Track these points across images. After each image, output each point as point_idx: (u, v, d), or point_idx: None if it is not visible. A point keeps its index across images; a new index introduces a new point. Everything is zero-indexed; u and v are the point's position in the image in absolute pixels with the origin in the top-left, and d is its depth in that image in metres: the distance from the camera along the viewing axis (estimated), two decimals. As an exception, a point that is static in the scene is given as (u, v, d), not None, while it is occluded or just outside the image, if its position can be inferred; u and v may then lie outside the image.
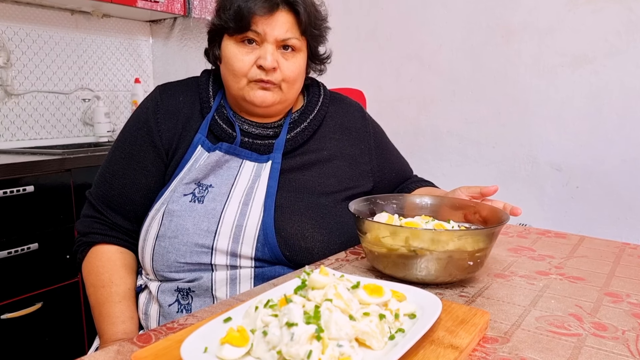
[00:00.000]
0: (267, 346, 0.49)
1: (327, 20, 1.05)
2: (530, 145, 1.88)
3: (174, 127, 0.99)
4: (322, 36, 1.04)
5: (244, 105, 1.00)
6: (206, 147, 0.98)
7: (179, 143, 0.99)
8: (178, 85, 1.06)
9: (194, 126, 1.00)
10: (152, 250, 0.92)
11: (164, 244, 0.91)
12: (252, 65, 0.94)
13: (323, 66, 1.10)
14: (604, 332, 0.62)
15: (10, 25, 2.23)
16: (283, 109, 1.03)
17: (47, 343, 1.74)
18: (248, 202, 0.93)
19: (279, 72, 0.95)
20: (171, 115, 1.00)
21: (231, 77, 0.97)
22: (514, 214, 0.88)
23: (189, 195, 0.93)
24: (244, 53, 0.95)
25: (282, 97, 0.98)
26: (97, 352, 0.57)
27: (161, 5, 2.46)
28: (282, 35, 0.94)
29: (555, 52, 1.79)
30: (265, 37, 0.93)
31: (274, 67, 0.94)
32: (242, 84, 0.96)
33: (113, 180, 0.99)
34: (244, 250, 0.90)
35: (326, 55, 1.09)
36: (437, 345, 0.54)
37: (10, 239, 1.63)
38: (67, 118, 2.48)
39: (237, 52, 0.95)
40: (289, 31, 0.95)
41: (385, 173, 1.14)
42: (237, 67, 0.95)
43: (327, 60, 1.10)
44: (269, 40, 0.94)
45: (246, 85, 0.96)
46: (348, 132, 1.10)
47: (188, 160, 0.97)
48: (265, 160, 0.99)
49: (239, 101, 0.99)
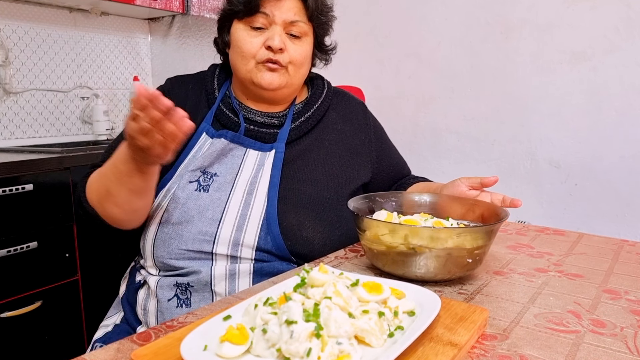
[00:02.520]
0: (267, 344, 0.49)
1: (332, 9, 1.08)
2: (529, 142, 1.88)
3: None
4: (328, 24, 1.08)
5: (251, 88, 1.02)
6: (210, 134, 1.01)
7: None
8: (187, 77, 1.11)
9: (200, 115, 1.03)
10: (155, 236, 0.94)
11: (167, 230, 0.93)
12: (261, 47, 0.98)
13: (328, 57, 1.13)
14: (602, 328, 0.62)
15: (8, 23, 2.22)
16: (289, 94, 1.06)
17: (46, 341, 1.75)
18: (252, 192, 0.96)
19: (287, 54, 0.99)
20: (180, 102, 1.02)
21: (239, 59, 1.00)
22: (514, 205, 0.88)
23: (194, 182, 0.95)
24: (252, 36, 0.99)
25: (289, 81, 1.01)
26: (97, 350, 0.57)
27: (160, 2, 2.46)
28: (291, 17, 0.98)
29: (554, 48, 1.79)
30: (274, 19, 0.98)
31: (281, 48, 0.97)
32: (250, 65, 0.99)
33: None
34: (246, 239, 0.91)
35: (332, 46, 1.12)
36: (436, 343, 0.54)
37: (10, 238, 1.63)
38: (65, 116, 2.47)
39: (246, 34, 0.99)
40: (296, 15, 0.99)
41: (383, 166, 1.15)
42: (245, 49, 0.98)
43: (332, 51, 1.13)
44: (277, 22, 0.98)
45: (254, 67, 0.99)
46: (350, 122, 1.13)
47: (192, 147, 1.00)
48: (268, 149, 1.01)
49: (247, 85, 1.02)
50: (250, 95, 1.05)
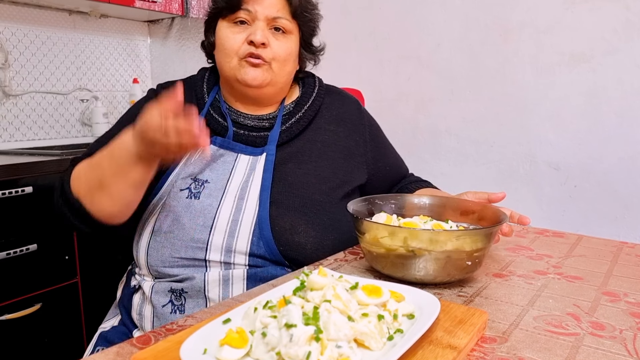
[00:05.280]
0: (266, 347, 0.49)
1: (317, 7, 1.07)
2: (528, 144, 1.88)
3: None
4: (314, 22, 1.07)
5: (237, 87, 1.01)
6: None
7: None
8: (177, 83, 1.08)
9: None
10: (147, 245, 0.93)
11: (160, 238, 0.92)
12: (243, 43, 0.98)
13: (317, 58, 1.12)
14: (601, 331, 0.62)
15: (7, 25, 2.22)
16: (275, 93, 1.04)
17: (46, 344, 1.74)
18: (243, 197, 0.94)
19: (269, 50, 0.98)
20: None
21: (223, 57, 1.00)
22: (522, 223, 0.88)
23: (185, 190, 0.94)
24: (235, 32, 0.99)
25: (273, 78, 1.00)
26: (96, 353, 0.57)
27: (159, 5, 2.46)
28: (273, 13, 0.98)
29: (553, 50, 1.79)
30: (256, 14, 0.97)
31: (264, 43, 0.97)
32: (234, 62, 0.98)
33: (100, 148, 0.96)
34: (239, 245, 0.90)
35: (320, 47, 1.11)
36: (436, 346, 0.54)
37: (9, 240, 1.63)
38: (65, 118, 2.47)
39: (229, 32, 0.99)
40: (279, 11, 0.99)
41: (379, 166, 1.13)
42: (228, 46, 0.98)
43: (320, 52, 1.12)
44: (259, 18, 0.98)
45: (237, 64, 0.98)
46: (343, 123, 1.10)
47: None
48: (259, 152, 1.00)
49: (232, 83, 1.01)
50: (237, 95, 1.04)
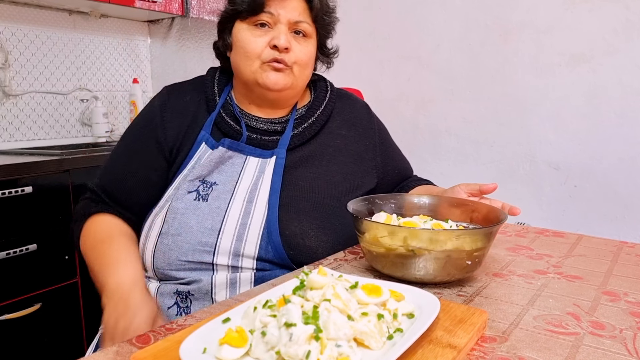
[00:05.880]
0: (266, 346, 0.49)
1: (335, 11, 1.07)
2: (528, 144, 1.88)
3: (180, 126, 1.00)
4: (331, 26, 1.07)
5: (256, 90, 1.00)
6: (210, 145, 0.98)
7: (184, 141, 1.00)
8: (185, 85, 1.08)
9: (199, 124, 1.01)
10: (154, 247, 0.92)
11: (167, 241, 0.91)
12: (266, 47, 0.96)
13: (330, 60, 1.12)
14: (601, 330, 0.62)
15: (8, 25, 2.22)
16: (292, 96, 1.04)
17: (46, 344, 1.74)
18: (252, 200, 0.93)
19: (292, 54, 0.97)
20: (178, 114, 1.01)
21: (243, 60, 0.97)
22: (513, 213, 0.88)
23: (193, 192, 0.93)
24: (257, 35, 0.97)
25: (294, 81, 0.99)
26: (96, 353, 0.57)
27: (159, 5, 2.46)
28: (295, 17, 0.97)
29: (553, 51, 1.79)
30: (279, 18, 0.96)
31: (287, 48, 0.95)
32: (255, 66, 0.97)
33: (114, 171, 1.01)
34: (247, 249, 0.90)
35: (334, 49, 1.11)
36: (436, 345, 0.54)
37: (9, 240, 1.63)
38: (65, 118, 2.47)
39: (250, 34, 0.97)
40: (301, 15, 0.98)
41: (388, 170, 1.14)
42: (250, 49, 0.96)
43: (334, 54, 1.12)
44: (282, 22, 0.96)
45: (259, 68, 0.97)
46: (354, 128, 1.11)
47: (192, 157, 0.98)
48: (269, 155, 0.99)
49: (251, 86, 1.00)
50: (253, 98, 1.03)
